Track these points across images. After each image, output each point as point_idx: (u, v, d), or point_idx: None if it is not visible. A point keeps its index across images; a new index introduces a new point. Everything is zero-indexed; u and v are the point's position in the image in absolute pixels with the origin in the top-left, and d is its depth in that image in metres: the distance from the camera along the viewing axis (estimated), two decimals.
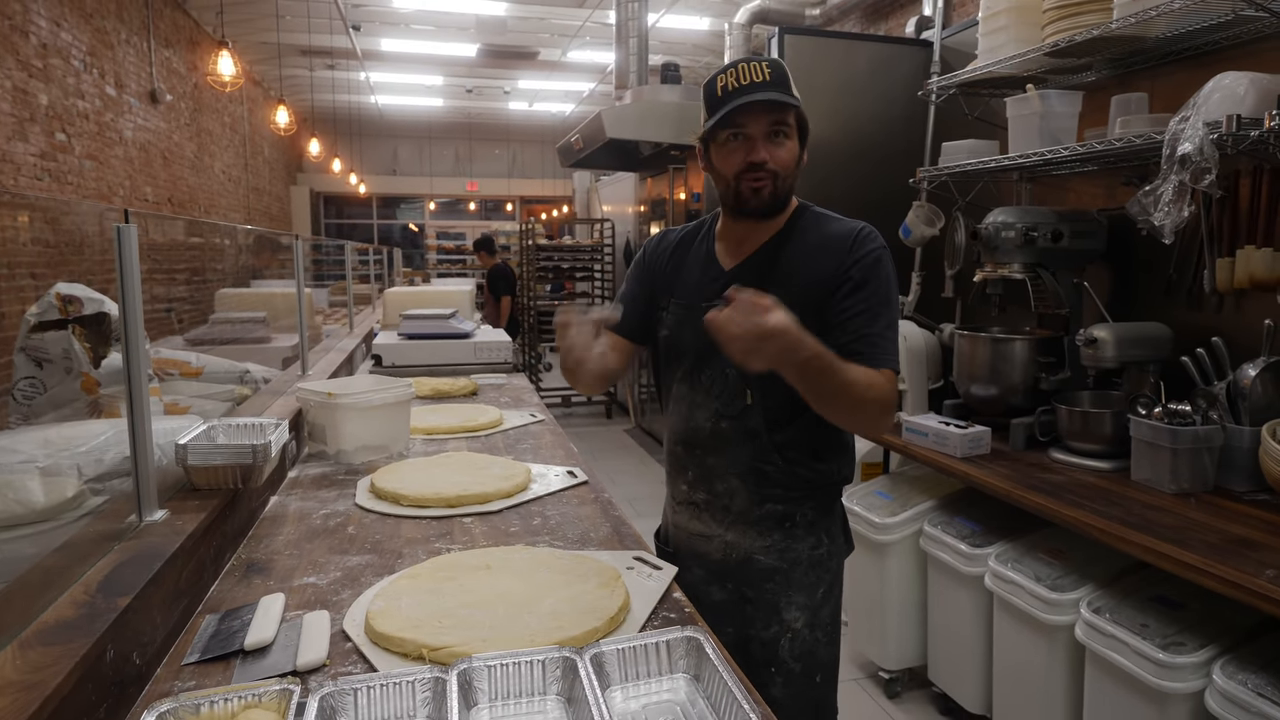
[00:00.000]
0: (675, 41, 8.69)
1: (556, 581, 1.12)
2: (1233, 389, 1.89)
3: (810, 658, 1.35)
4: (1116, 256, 2.42)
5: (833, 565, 1.39)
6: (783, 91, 1.21)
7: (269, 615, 1.06)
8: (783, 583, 1.34)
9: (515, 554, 1.25)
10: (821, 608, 1.36)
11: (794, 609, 1.34)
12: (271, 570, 1.26)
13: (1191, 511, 1.74)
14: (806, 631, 1.34)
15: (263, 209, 11.05)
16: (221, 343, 3.38)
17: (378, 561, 1.30)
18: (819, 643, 1.36)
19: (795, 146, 1.26)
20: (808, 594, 1.35)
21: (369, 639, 1.01)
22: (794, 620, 1.34)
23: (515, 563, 1.20)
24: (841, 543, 1.42)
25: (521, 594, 1.08)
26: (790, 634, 1.33)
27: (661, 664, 0.90)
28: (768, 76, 1.20)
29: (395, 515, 1.52)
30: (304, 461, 1.93)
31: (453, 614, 1.02)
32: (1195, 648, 1.52)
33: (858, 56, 3.37)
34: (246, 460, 1.30)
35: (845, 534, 1.44)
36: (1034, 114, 2.28)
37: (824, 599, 1.36)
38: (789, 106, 1.22)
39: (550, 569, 1.17)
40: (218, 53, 5.49)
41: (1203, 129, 1.71)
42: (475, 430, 2.22)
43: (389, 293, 3.88)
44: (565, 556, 1.23)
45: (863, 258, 1.27)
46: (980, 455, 2.21)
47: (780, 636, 1.33)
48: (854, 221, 1.33)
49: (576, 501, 1.62)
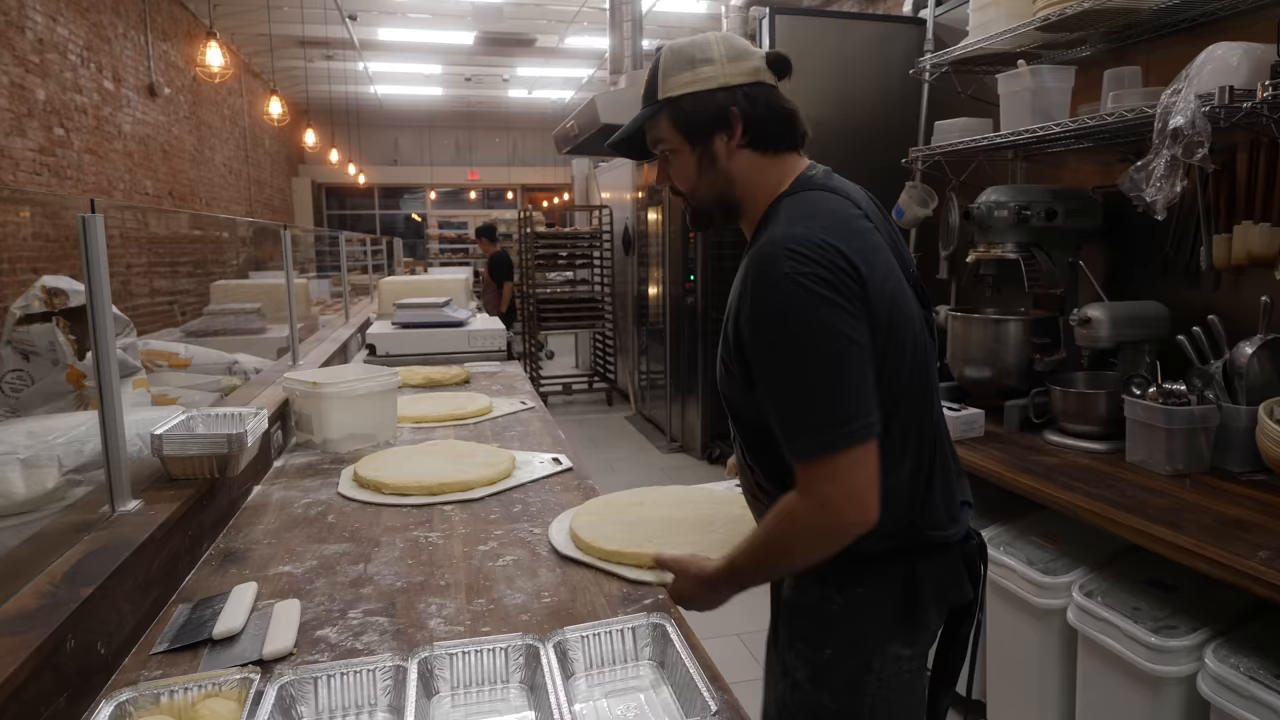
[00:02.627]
0: (673, 25, 8.61)
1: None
2: (1229, 368, 1.85)
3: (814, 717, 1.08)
4: (1112, 235, 2.38)
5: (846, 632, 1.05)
6: (645, 104, 1.05)
7: (240, 604, 1.06)
8: (786, 621, 1.11)
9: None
10: (831, 669, 1.06)
11: (794, 656, 1.09)
12: (248, 559, 1.26)
13: (1186, 493, 1.72)
14: (809, 686, 1.07)
15: (264, 201, 11.06)
16: (217, 334, 3.38)
17: (354, 550, 1.29)
18: (824, 709, 1.06)
19: (686, 155, 1.05)
20: (810, 646, 1.07)
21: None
22: (794, 668, 1.08)
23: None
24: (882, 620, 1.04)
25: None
26: (791, 681, 1.09)
27: (627, 651, 0.89)
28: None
29: (376, 504, 1.51)
30: (290, 451, 1.93)
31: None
32: (1188, 631, 1.50)
33: (852, 36, 3.32)
34: (222, 450, 1.29)
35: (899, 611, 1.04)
36: (1026, 90, 2.23)
37: (834, 661, 1.06)
38: (638, 131, 1.06)
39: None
40: (206, 43, 5.46)
41: (1194, 101, 1.67)
42: (464, 418, 2.21)
43: (384, 282, 3.88)
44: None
45: (750, 300, 0.94)
46: (973, 438, 2.19)
47: (782, 678, 1.11)
48: (775, 231, 0.97)
49: (559, 489, 1.61)
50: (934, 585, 1.05)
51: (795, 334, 0.91)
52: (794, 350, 0.91)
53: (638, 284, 6.20)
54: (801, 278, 0.90)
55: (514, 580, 1.17)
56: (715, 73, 1.03)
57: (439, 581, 1.17)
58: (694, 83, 1.03)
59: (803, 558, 0.98)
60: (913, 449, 1.01)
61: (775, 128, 1.06)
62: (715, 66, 1.03)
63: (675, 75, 1.04)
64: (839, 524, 0.92)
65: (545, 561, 1.24)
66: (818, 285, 0.90)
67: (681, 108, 1.03)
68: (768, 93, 1.05)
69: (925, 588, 1.04)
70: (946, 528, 1.04)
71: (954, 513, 1.06)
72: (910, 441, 1.01)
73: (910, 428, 1.00)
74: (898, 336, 0.97)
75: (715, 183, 1.06)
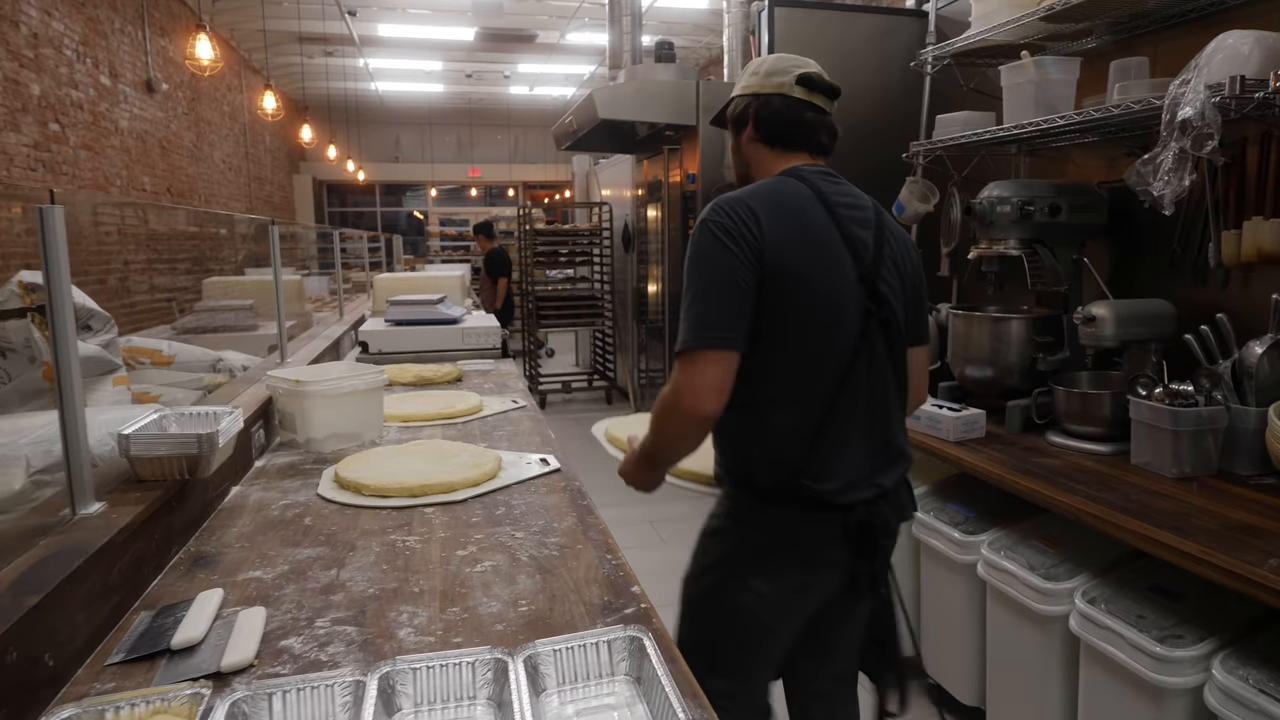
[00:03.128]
0: (675, 21, 8.55)
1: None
2: (1238, 368, 1.80)
3: (684, 617, 1.36)
4: (1118, 231, 2.33)
5: (722, 548, 1.28)
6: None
7: (203, 612, 1.01)
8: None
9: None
10: (698, 578, 1.32)
11: (694, 552, 1.36)
12: (219, 564, 1.22)
13: (1193, 497, 1.67)
14: (690, 580, 1.35)
15: (265, 198, 11.03)
16: (208, 331, 3.34)
17: (328, 554, 1.24)
18: (683, 615, 1.35)
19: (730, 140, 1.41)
20: (699, 550, 1.34)
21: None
22: (690, 563, 1.36)
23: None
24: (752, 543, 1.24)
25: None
26: (686, 572, 1.37)
27: (602, 666, 0.84)
28: None
29: (355, 506, 1.47)
30: (273, 451, 1.88)
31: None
32: (1194, 641, 1.44)
33: (853, 29, 3.26)
34: (192, 450, 1.25)
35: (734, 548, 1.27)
36: (1029, 82, 2.18)
37: (702, 573, 1.31)
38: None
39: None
40: (196, 35, 5.40)
41: (1204, 92, 1.62)
42: (452, 417, 2.16)
43: (379, 278, 3.83)
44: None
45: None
46: (974, 439, 2.13)
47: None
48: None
49: (545, 490, 1.56)
50: (798, 535, 1.22)
51: (695, 263, 1.19)
52: (692, 274, 1.19)
53: (637, 281, 6.15)
54: (713, 225, 1.19)
55: (491, 587, 1.12)
56: (751, 83, 1.35)
57: (413, 588, 1.12)
58: (740, 89, 1.36)
59: (672, 435, 1.22)
60: (800, 405, 1.21)
61: (781, 129, 1.32)
62: (753, 78, 1.35)
63: (739, 82, 1.38)
64: (684, 406, 1.16)
65: (525, 568, 1.19)
66: (720, 233, 1.17)
67: (729, 105, 1.38)
68: (787, 103, 1.31)
69: (788, 533, 1.22)
70: (822, 483, 1.20)
71: (843, 477, 1.21)
72: (798, 398, 1.21)
73: (797, 387, 1.21)
74: (785, 300, 1.18)
75: (739, 164, 1.40)
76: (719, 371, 1.14)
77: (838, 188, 1.29)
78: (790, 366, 1.20)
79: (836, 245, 1.22)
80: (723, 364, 1.15)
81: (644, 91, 4.57)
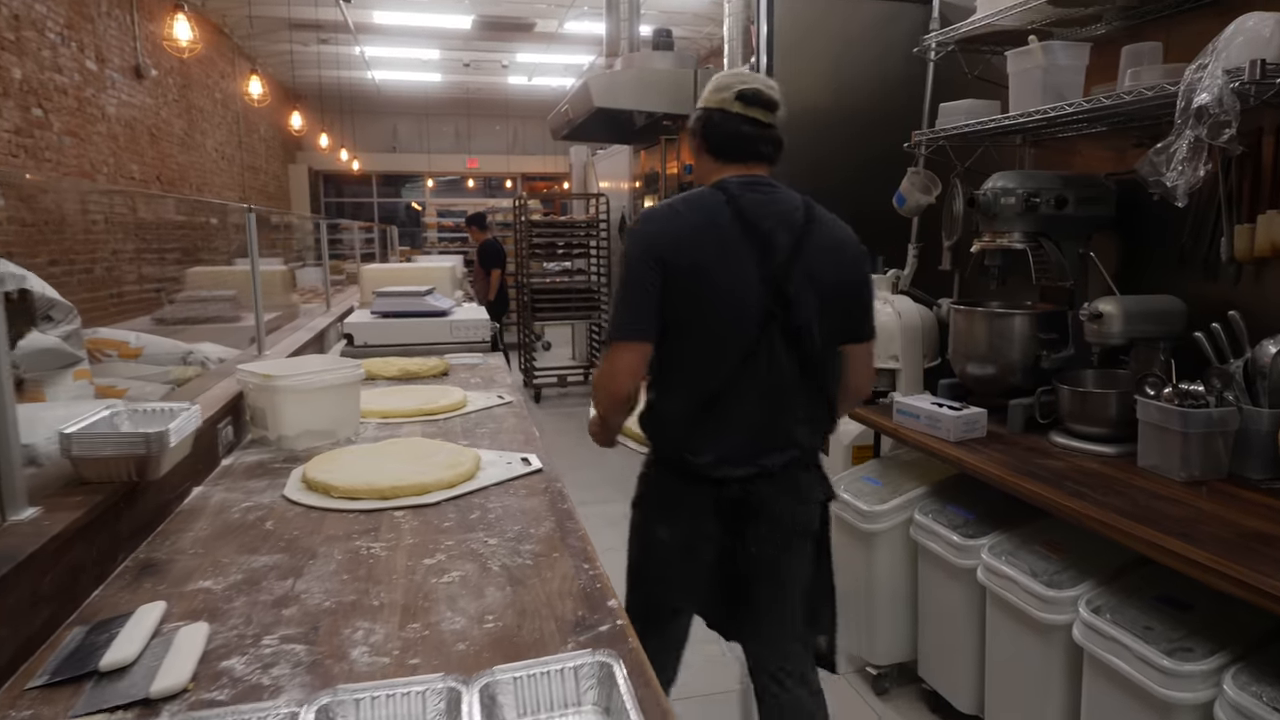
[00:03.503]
0: (675, 11, 8.43)
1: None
2: (1251, 368, 1.72)
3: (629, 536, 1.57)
4: (1126, 224, 2.24)
5: (640, 491, 1.53)
6: None
7: (140, 629, 0.93)
8: None
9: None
10: (633, 507, 1.55)
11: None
12: (168, 572, 1.14)
13: (1202, 502, 1.59)
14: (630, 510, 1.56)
15: (259, 187, 10.91)
16: (190, 322, 3.26)
17: (286, 562, 1.17)
18: (631, 528, 1.56)
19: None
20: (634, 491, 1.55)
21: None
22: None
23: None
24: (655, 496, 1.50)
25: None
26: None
27: (567, 694, 0.76)
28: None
29: (322, 509, 1.39)
30: (244, 448, 1.80)
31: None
32: (1204, 654, 1.37)
33: (855, 16, 3.16)
34: (139, 450, 1.17)
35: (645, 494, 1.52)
36: (1036, 68, 2.09)
37: (633, 507, 1.55)
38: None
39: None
40: (174, 15, 5.27)
41: (1222, 77, 1.53)
42: (434, 413, 2.08)
43: (366, 269, 3.74)
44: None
45: None
46: (975, 439, 2.06)
47: None
48: None
49: (524, 493, 1.49)
50: (681, 501, 1.45)
51: (621, 266, 1.40)
52: (619, 278, 1.42)
53: None
54: (632, 232, 1.41)
55: (457, 601, 1.04)
56: (703, 98, 1.46)
57: (372, 601, 1.04)
58: (699, 103, 1.48)
59: (603, 408, 1.46)
60: (686, 393, 1.41)
61: (723, 142, 1.44)
62: (706, 94, 1.46)
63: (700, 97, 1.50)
64: (605, 386, 1.40)
65: (495, 578, 1.11)
66: (636, 239, 1.39)
67: (688, 119, 1.52)
68: (726, 117, 1.42)
69: (674, 497, 1.46)
70: (698, 456, 1.40)
71: (716, 453, 1.40)
72: (686, 387, 1.41)
73: (686, 379, 1.41)
74: (688, 298, 1.36)
75: (695, 172, 1.52)
76: (632, 358, 1.37)
77: (759, 195, 1.41)
78: (692, 354, 1.40)
79: (741, 249, 1.36)
80: (635, 353, 1.37)
81: (640, 79, 4.47)
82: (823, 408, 1.48)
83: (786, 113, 1.46)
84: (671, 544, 1.46)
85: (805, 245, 1.38)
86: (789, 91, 1.48)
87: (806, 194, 1.46)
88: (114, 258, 5.95)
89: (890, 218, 2.82)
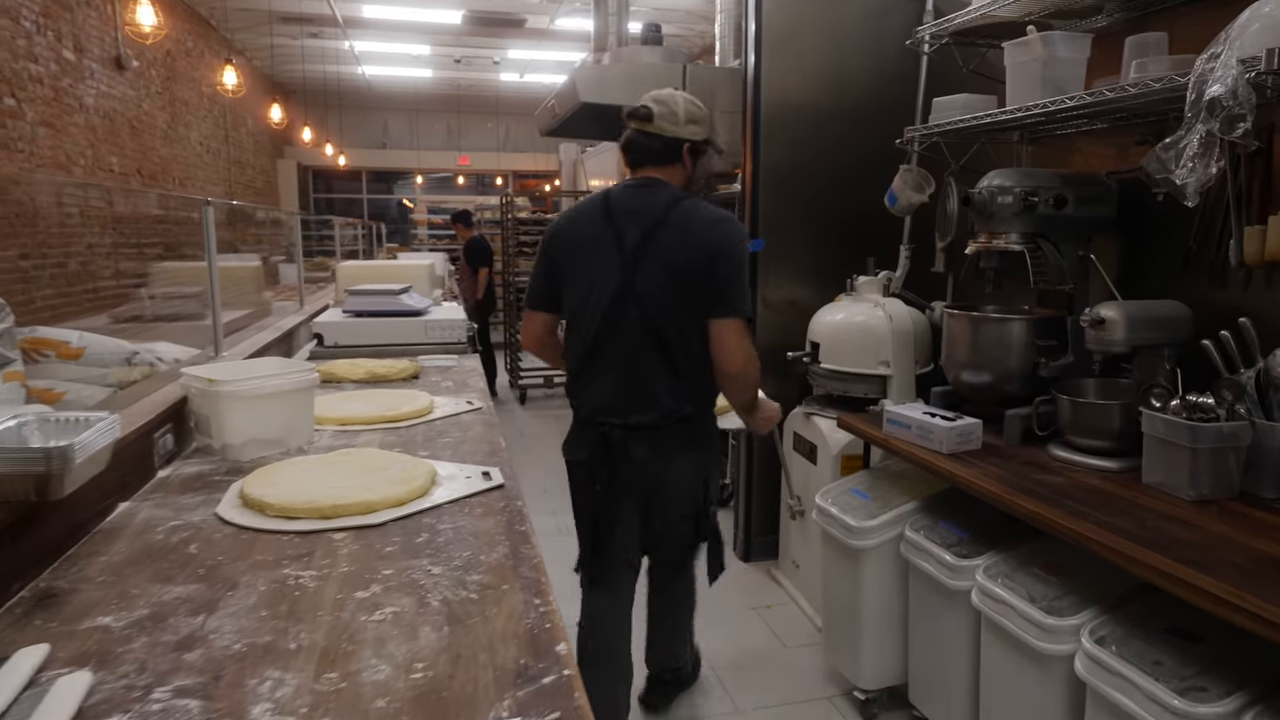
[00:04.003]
0: (668, 8, 8.32)
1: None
2: (1263, 378, 1.62)
3: None
4: (1128, 225, 2.14)
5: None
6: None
7: (9, 680, 0.81)
8: None
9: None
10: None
11: None
12: (65, 607, 1.01)
13: (1213, 523, 1.48)
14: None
15: (246, 182, 10.74)
16: (151, 320, 3.12)
17: (201, 594, 1.04)
18: None
19: None
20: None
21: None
22: None
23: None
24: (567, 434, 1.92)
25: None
26: None
27: None
28: None
29: (255, 529, 1.26)
30: (186, 458, 1.68)
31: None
32: (1220, 695, 1.26)
33: (847, 8, 3.05)
34: (38, 469, 1.04)
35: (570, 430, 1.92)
36: (1035, 60, 1.98)
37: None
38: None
39: None
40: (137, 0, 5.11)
41: (1236, 67, 1.42)
42: (396, 420, 1.96)
43: (341, 266, 3.61)
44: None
45: None
46: (969, 451, 1.95)
47: None
48: None
49: (480, 511, 1.36)
50: (579, 433, 1.86)
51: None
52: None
53: None
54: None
55: (385, 644, 0.92)
56: None
57: (289, 644, 0.92)
58: None
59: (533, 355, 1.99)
60: (572, 354, 1.83)
61: (626, 154, 1.81)
62: None
63: None
64: (522, 341, 1.98)
65: (432, 616, 0.99)
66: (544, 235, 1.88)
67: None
68: (627, 133, 1.79)
69: (575, 431, 1.88)
70: (581, 406, 1.84)
71: (590, 405, 1.81)
72: (572, 349, 1.83)
73: (571, 343, 1.83)
74: (566, 279, 1.80)
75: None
76: (534, 322, 1.90)
77: (631, 195, 1.75)
78: (573, 324, 1.81)
79: (605, 239, 1.73)
80: (535, 319, 1.89)
81: (627, 74, 4.34)
82: (690, 377, 1.73)
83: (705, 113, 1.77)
84: (577, 466, 1.86)
85: (658, 234, 1.68)
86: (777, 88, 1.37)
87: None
88: (89, 252, 5.80)
89: (882, 217, 2.71)
